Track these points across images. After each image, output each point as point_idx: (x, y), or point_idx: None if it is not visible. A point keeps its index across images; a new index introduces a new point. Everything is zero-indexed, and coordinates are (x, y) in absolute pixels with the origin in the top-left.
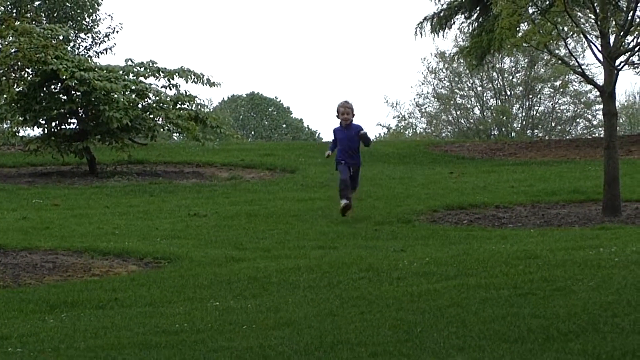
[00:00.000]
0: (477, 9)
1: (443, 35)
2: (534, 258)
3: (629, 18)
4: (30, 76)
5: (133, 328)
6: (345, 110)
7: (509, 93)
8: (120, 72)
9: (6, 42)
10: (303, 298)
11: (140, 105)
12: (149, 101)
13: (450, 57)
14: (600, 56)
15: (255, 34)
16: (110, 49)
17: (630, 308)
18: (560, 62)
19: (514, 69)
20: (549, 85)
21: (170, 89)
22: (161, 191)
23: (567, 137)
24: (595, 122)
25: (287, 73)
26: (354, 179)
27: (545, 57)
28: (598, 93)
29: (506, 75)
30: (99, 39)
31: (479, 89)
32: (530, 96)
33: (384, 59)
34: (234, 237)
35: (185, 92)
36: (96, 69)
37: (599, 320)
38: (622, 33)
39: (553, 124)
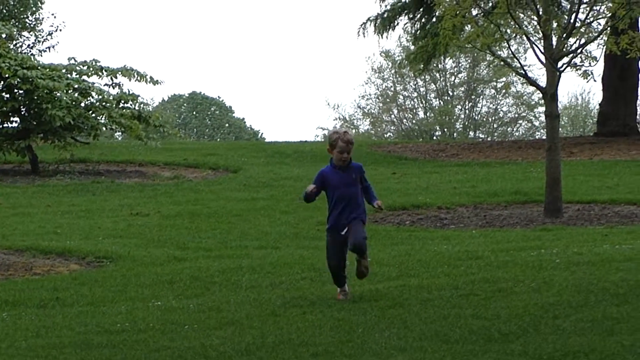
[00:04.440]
0: (421, 10)
1: (387, 36)
2: (475, 259)
3: (571, 20)
4: None
5: (74, 327)
6: (346, 148)
7: (451, 94)
8: (63, 71)
9: None
10: (245, 298)
11: (83, 104)
12: (92, 100)
13: (397, 65)
14: (542, 58)
15: (197, 33)
16: (53, 47)
17: (571, 309)
18: (502, 63)
19: (456, 69)
20: (491, 87)
21: (113, 88)
22: (103, 190)
23: (509, 139)
24: (537, 124)
25: (229, 72)
26: (357, 230)
27: (487, 59)
28: (540, 95)
29: (448, 75)
30: (42, 37)
31: (422, 89)
32: (473, 97)
33: (327, 59)
34: (176, 237)
35: (128, 91)
36: (39, 68)
37: (540, 321)
38: (564, 35)
39: (495, 125)
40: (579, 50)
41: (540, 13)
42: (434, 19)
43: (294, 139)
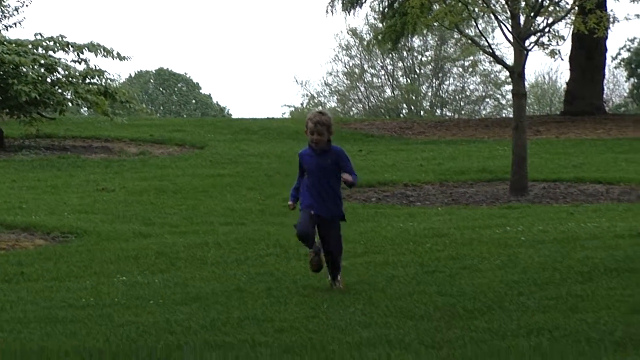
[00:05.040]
0: None
1: (354, 14)
2: (441, 236)
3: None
4: None
5: (39, 302)
6: (316, 129)
7: (418, 72)
8: (30, 46)
9: None
10: (211, 274)
11: (49, 80)
12: (58, 75)
13: (365, 44)
14: (510, 37)
15: (165, 10)
16: (19, 23)
17: (535, 287)
18: (470, 42)
19: (423, 47)
20: (458, 65)
21: (80, 64)
22: (69, 166)
23: (476, 117)
24: (504, 102)
25: (196, 49)
26: (331, 241)
27: (455, 37)
28: (507, 73)
29: (415, 54)
30: (8, 12)
31: (389, 67)
32: (440, 75)
33: (295, 36)
34: (142, 213)
35: (95, 67)
36: (5, 43)
37: (504, 298)
38: (532, 14)
39: (462, 104)
40: (546, 29)
41: None
42: None
43: (260, 116)
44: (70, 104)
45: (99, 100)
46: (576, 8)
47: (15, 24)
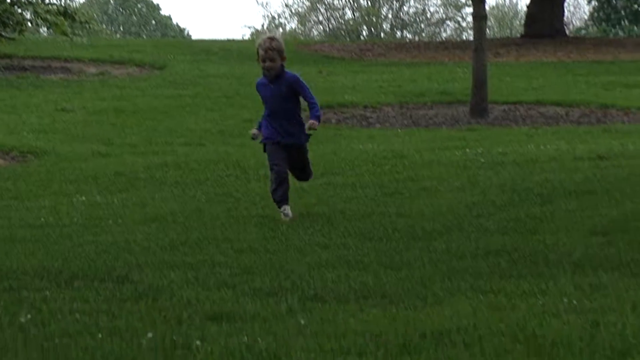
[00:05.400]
0: None
1: None
2: (400, 158)
3: None
4: None
5: None
6: (267, 55)
7: None
8: None
9: None
10: (170, 194)
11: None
12: None
13: None
14: None
15: None
16: None
17: (494, 208)
18: None
19: None
20: None
21: None
22: (28, 85)
23: (437, 39)
24: (464, 25)
25: None
26: (301, 167)
27: None
28: None
29: None
30: None
31: None
32: None
33: None
34: (101, 133)
35: None
36: None
37: (463, 220)
38: None
39: (423, 26)
40: None
41: None
42: None
43: (220, 37)
44: (29, 24)
45: (58, 20)
46: None
47: None
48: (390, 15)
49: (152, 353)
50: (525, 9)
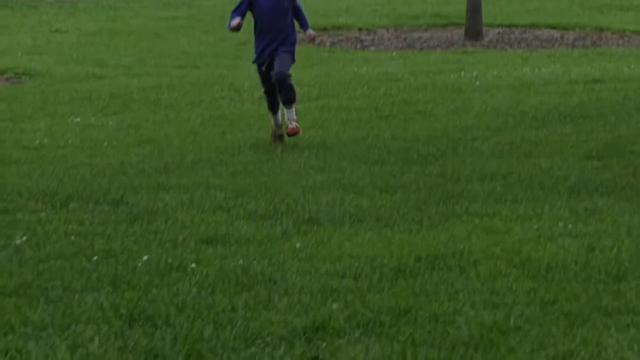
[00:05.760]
0: None
1: None
2: (395, 81)
3: None
4: None
5: None
6: None
7: None
8: None
9: None
10: (164, 117)
11: None
12: None
13: None
14: None
15: None
16: None
17: (489, 132)
18: None
19: None
20: None
21: None
22: (22, 6)
23: None
24: None
25: None
26: (279, 62)
27: None
28: None
29: None
30: None
31: None
32: None
33: None
34: (96, 54)
35: None
36: None
37: (458, 143)
38: None
39: None
40: None
41: None
42: None
43: None
44: None
45: None
46: None
47: None
48: None
49: (148, 276)
50: None
